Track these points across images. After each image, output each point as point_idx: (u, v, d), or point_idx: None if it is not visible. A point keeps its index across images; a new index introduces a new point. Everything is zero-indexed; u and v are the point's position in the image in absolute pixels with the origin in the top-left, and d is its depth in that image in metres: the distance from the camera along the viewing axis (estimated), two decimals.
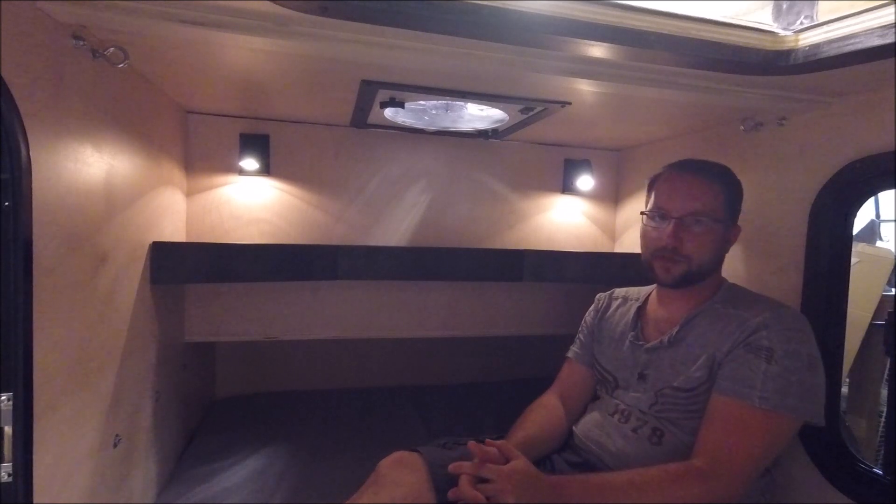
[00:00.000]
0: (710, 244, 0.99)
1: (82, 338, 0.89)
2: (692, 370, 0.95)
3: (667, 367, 1.00)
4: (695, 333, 0.99)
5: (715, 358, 0.93)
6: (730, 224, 1.01)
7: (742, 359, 0.89)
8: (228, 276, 1.35)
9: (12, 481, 0.70)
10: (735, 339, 0.92)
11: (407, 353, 2.13)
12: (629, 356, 1.08)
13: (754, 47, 0.86)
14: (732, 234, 1.03)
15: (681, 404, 0.96)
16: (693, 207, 0.97)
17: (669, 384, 0.98)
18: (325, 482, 1.31)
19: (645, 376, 1.03)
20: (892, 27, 0.74)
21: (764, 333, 0.89)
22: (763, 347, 0.88)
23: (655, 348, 1.03)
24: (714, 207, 0.98)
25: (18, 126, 0.69)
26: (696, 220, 0.98)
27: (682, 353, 0.99)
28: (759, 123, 1.26)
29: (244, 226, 1.58)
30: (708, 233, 0.98)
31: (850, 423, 2.21)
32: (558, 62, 0.94)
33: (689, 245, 0.98)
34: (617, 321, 1.16)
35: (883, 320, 2.15)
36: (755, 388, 0.86)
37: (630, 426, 1.01)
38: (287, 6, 0.74)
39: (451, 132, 1.58)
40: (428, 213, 1.71)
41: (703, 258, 0.99)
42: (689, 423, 0.95)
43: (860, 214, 1.15)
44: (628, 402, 1.04)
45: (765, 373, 0.87)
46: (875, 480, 1.04)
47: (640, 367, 1.04)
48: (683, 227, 0.98)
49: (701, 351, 0.96)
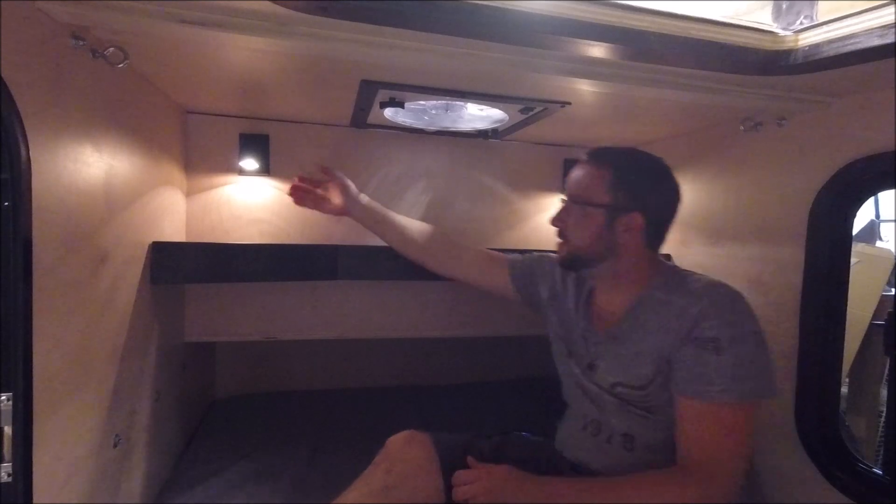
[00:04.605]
0: (588, 228, 0.98)
1: (82, 338, 0.89)
2: (640, 367, 0.95)
3: (614, 361, 1.00)
4: (638, 328, 0.98)
5: (661, 353, 0.93)
6: (620, 210, 0.96)
7: (692, 356, 0.89)
8: (228, 276, 1.35)
9: (12, 481, 0.70)
10: (677, 333, 0.91)
11: (407, 353, 2.13)
12: (580, 340, 1.08)
13: (754, 47, 0.86)
14: (628, 221, 0.96)
15: (637, 401, 0.96)
16: (575, 192, 1.01)
17: (620, 381, 0.98)
18: (325, 482, 1.31)
19: (594, 367, 1.03)
20: (891, 27, 0.74)
21: (706, 324, 0.89)
22: (709, 339, 0.88)
23: (602, 342, 1.03)
24: (595, 192, 0.97)
25: (18, 126, 0.69)
26: (575, 203, 1.00)
27: (627, 349, 0.98)
28: (758, 123, 1.26)
29: (244, 226, 1.58)
30: (586, 217, 0.98)
31: (850, 422, 2.21)
32: (558, 62, 0.94)
33: (570, 228, 1.01)
34: (570, 296, 1.15)
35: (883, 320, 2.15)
36: (713, 384, 0.86)
37: (603, 437, 1.02)
38: (287, 6, 0.74)
39: (451, 132, 1.58)
40: (428, 213, 1.71)
41: (582, 242, 0.99)
42: (651, 420, 0.96)
43: (860, 214, 1.15)
44: (592, 396, 1.04)
45: (717, 365, 0.87)
46: (875, 480, 1.04)
47: (590, 357, 1.05)
48: (566, 210, 1.02)
49: (646, 347, 0.95)
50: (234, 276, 1.34)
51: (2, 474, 0.70)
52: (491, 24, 0.75)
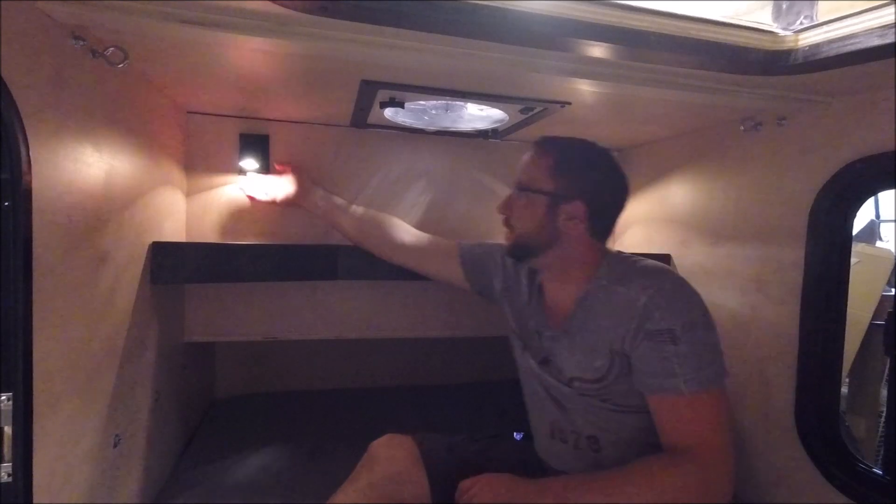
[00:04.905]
0: (531, 216, 0.99)
1: (82, 338, 0.89)
2: (594, 360, 0.95)
3: (568, 356, 1.00)
4: (589, 321, 0.98)
5: (613, 345, 0.93)
6: (561, 198, 0.97)
7: (650, 351, 0.89)
8: (228, 276, 1.35)
9: (12, 481, 0.70)
10: (628, 326, 0.91)
11: (407, 353, 2.13)
12: (534, 335, 1.08)
13: (754, 47, 0.86)
14: (570, 210, 0.97)
15: (594, 393, 0.97)
16: (520, 179, 1.01)
17: (576, 376, 0.98)
18: (325, 482, 1.30)
19: (549, 361, 1.04)
20: (891, 27, 0.74)
21: (657, 315, 0.89)
22: (662, 331, 0.88)
23: (554, 336, 1.02)
24: (537, 179, 0.98)
25: (18, 126, 0.69)
26: (520, 191, 1.01)
27: (580, 343, 0.98)
28: (758, 123, 1.26)
29: (244, 226, 1.57)
30: (529, 204, 0.99)
31: (850, 423, 2.22)
32: (558, 62, 0.94)
33: (514, 216, 1.02)
34: (523, 288, 1.15)
35: (883, 320, 2.15)
36: (677, 376, 0.87)
37: (570, 444, 1.03)
38: (287, 6, 0.74)
39: (451, 132, 1.58)
40: (428, 212, 1.71)
41: (525, 229, 1.00)
42: (613, 414, 0.96)
43: (860, 214, 1.15)
44: (550, 390, 1.04)
45: (676, 356, 0.87)
46: (875, 480, 1.04)
47: (544, 352, 1.05)
48: (512, 198, 1.02)
49: (598, 339, 0.95)
50: (234, 276, 1.34)
51: (2, 474, 0.70)
52: (491, 24, 0.75)
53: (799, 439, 1.14)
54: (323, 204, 1.37)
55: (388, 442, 1.06)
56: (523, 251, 1.03)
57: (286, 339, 1.61)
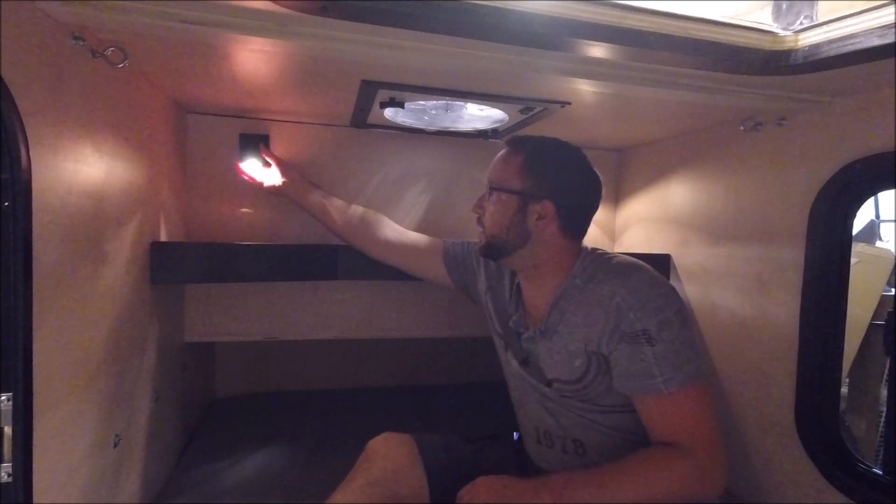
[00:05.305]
0: (502, 215, 0.98)
1: (82, 338, 0.89)
2: (571, 361, 0.95)
3: (546, 357, 1.00)
4: (564, 322, 0.97)
5: (589, 346, 0.93)
6: (530, 197, 0.97)
7: (628, 353, 0.89)
8: (228, 276, 1.35)
9: (12, 481, 0.70)
10: (603, 326, 0.91)
11: (407, 353, 2.13)
12: (514, 335, 1.08)
13: (754, 47, 0.86)
14: (540, 209, 0.96)
15: (573, 394, 0.97)
16: (491, 178, 1.01)
17: (555, 377, 0.98)
18: (325, 482, 1.31)
19: (529, 362, 1.04)
20: (891, 27, 0.74)
21: (631, 316, 0.89)
22: (637, 332, 0.88)
23: (533, 337, 1.02)
24: (508, 178, 0.98)
25: (18, 126, 0.69)
26: (492, 190, 1.00)
27: (556, 344, 0.98)
28: (758, 123, 1.26)
29: (244, 226, 1.57)
30: (499, 203, 0.99)
31: (850, 423, 2.22)
32: (558, 62, 0.94)
33: (486, 215, 1.01)
34: (505, 288, 1.14)
35: (883, 320, 2.15)
36: (655, 377, 0.87)
37: (557, 449, 1.03)
38: (287, 6, 0.74)
39: (451, 132, 1.58)
40: (428, 213, 1.71)
41: (496, 229, 0.99)
42: (595, 419, 0.96)
43: (860, 214, 1.15)
44: (532, 390, 1.04)
45: (654, 356, 0.87)
46: (875, 480, 1.04)
47: (524, 352, 1.05)
48: (485, 197, 1.02)
49: (575, 340, 0.95)
50: (235, 276, 1.34)
51: (2, 474, 0.70)
52: (491, 24, 0.75)
53: (799, 439, 1.14)
54: (316, 202, 1.36)
55: (385, 440, 1.06)
56: (495, 251, 1.02)
57: (286, 339, 1.61)
